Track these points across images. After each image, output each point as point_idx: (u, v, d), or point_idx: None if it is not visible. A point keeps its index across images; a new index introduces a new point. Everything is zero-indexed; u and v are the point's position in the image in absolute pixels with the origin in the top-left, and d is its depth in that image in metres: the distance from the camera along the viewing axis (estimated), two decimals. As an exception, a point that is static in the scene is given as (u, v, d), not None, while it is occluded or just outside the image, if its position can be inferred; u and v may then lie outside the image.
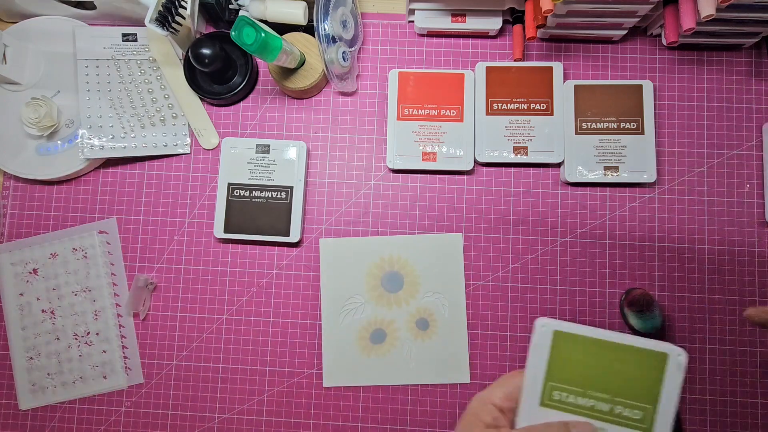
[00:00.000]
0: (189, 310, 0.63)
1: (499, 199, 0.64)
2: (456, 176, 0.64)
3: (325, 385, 0.62)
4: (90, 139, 0.63)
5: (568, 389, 0.36)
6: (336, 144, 0.65)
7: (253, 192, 0.62)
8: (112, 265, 0.64)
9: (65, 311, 0.64)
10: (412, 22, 0.66)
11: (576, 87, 0.63)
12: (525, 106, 0.63)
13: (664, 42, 0.59)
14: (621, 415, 0.36)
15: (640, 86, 0.62)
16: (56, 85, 0.65)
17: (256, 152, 0.63)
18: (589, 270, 0.62)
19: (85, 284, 0.64)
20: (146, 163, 0.66)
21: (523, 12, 0.62)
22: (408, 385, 0.62)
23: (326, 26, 0.57)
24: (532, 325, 0.37)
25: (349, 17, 0.62)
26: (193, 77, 0.64)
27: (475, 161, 0.63)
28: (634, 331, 0.60)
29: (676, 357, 0.37)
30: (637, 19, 0.59)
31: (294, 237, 0.62)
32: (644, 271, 0.62)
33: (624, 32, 0.62)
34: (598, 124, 0.62)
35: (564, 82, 0.63)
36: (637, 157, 0.61)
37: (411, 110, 0.63)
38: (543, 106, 0.63)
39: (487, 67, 0.63)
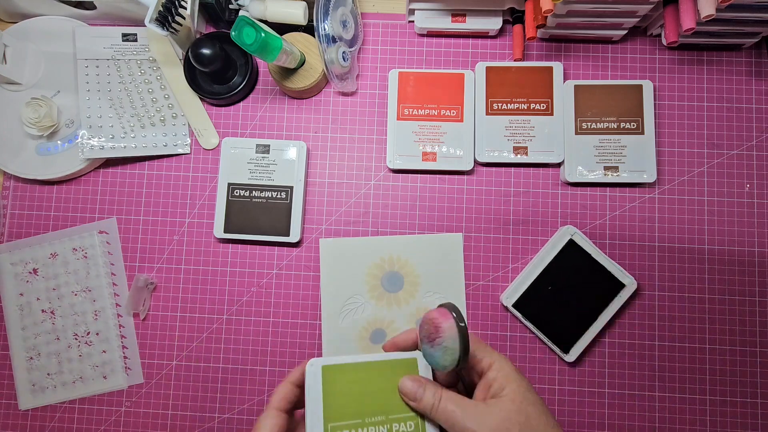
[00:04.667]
0: (189, 310, 0.63)
1: (499, 199, 0.64)
2: (456, 176, 0.64)
3: (325, 385, 0.62)
4: (90, 139, 0.63)
5: (347, 425, 0.36)
6: (336, 144, 0.65)
7: (253, 192, 0.62)
8: (112, 265, 0.64)
9: (65, 311, 0.64)
10: (412, 22, 0.66)
11: (576, 87, 0.63)
12: (525, 106, 0.63)
13: (664, 42, 0.59)
14: (399, 431, 0.36)
15: (640, 86, 0.62)
16: (56, 85, 0.65)
17: (256, 152, 0.63)
18: (589, 270, 0.62)
19: (85, 284, 0.64)
20: (146, 163, 0.66)
21: (523, 12, 0.62)
22: (408, 385, 0.62)
23: (326, 26, 0.57)
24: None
25: (349, 17, 0.62)
26: (193, 77, 0.64)
27: (475, 161, 0.63)
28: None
29: (423, 360, 0.38)
30: (637, 19, 0.59)
31: (294, 237, 0.62)
32: (644, 271, 0.62)
33: (624, 32, 0.62)
34: (598, 124, 0.62)
35: (564, 82, 0.63)
36: (637, 157, 0.61)
37: (411, 110, 0.63)
38: (543, 106, 0.63)
39: (487, 67, 0.63)
